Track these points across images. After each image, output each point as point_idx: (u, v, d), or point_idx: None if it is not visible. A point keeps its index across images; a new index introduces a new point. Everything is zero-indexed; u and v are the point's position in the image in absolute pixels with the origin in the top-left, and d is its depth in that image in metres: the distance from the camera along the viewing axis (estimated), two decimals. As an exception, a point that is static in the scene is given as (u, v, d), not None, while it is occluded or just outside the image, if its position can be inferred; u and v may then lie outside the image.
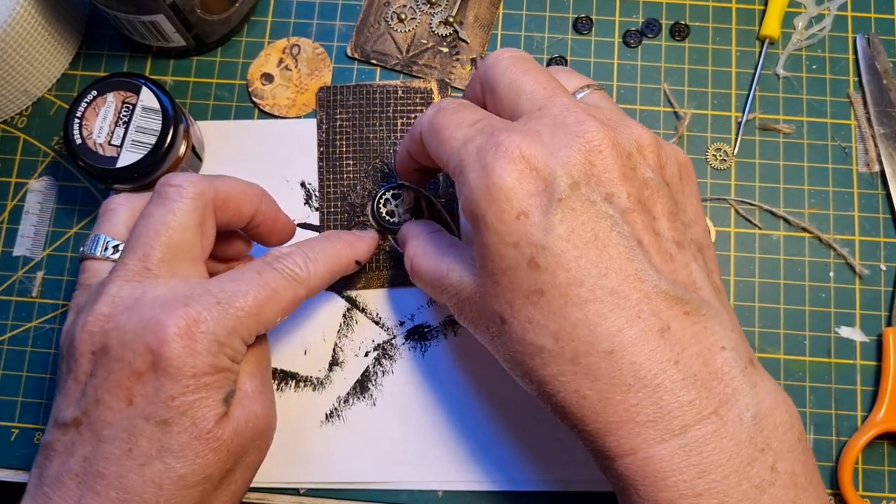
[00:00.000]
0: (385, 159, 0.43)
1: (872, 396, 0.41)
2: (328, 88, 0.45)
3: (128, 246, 0.32)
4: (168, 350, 0.29)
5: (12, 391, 0.42)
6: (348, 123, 0.44)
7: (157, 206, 0.33)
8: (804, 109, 0.45)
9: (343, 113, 0.44)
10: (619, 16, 0.46)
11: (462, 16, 0.46)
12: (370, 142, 0.44)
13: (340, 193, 0.43)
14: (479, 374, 0.41)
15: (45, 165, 0.45)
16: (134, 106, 0.39)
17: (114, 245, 0.35)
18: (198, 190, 0.33)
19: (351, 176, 0.43)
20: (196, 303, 0.30)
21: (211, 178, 0.34)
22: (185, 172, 0.35)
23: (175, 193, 0.32)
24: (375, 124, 0.44)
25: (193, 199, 0.33)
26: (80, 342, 0.30)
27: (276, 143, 0.44)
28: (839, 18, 0.46)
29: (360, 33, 0.46)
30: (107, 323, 0.30)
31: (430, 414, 0.40)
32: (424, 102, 0.44)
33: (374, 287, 0.42)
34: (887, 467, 0.41)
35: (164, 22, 0.41)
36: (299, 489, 0.40)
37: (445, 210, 0.42)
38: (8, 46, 0.41)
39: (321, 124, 0.44)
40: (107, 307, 0.31)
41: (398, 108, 0.44)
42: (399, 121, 0.44)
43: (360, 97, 0.44)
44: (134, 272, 0.31)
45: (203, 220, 0.33)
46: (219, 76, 0.46)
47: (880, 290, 0.42)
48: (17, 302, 0.43)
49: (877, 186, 0.44)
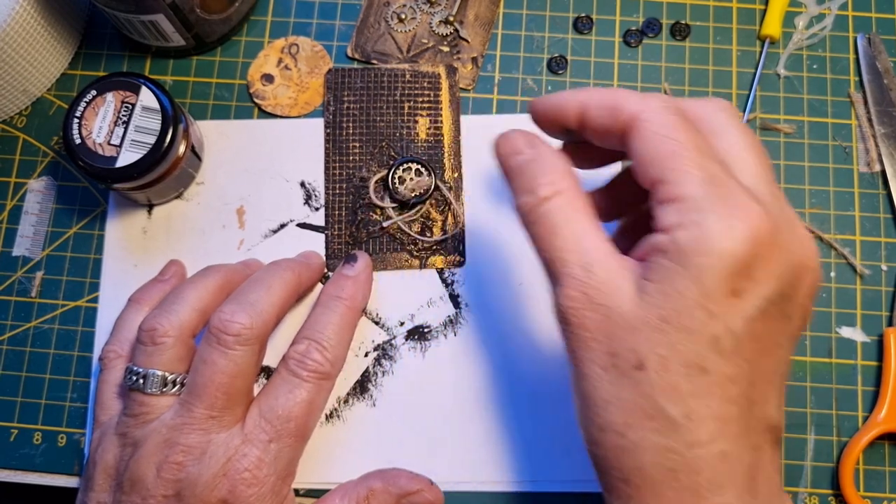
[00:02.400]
0: (391, 141, 0.43)
1: (873, 397, 0.41)
2: (336, 70, 0.45)
3: (192, 392, 0.34)
4: (238, 500, 0.33)
5: (12, 391, 0.42)
6: (356, 106, 0.44)
7: (219, 356, 0.34)
8: (805, 109, 0.45)
9: (350, 95, 0.44)
10: (620, 15, 0.46)
11: (462, 15, 0.46)
12: (377, 124, 0.44)
13: (346, 175, 0.43)
14: (479, 375, 0.41)
15: (44, 165, 0.45)
16: (133, 106, 0.39)
17: (172, 380, 0.35)
18: (255, 335, 0.35)
19: (357, 158, 0.43)
20: (254, 447, 0.34)
21: (261, 314, 0.36)
22: (240, 304, 0.36)
23: (234, 342, 0.34)
24: (382, 107, 0.44)
25: (252, 346, 0.35)
26: (154, 486, 0.33)
27: (276, 142, 0.44)
28: (840, 18, 0.46)
29: (361, 34, 0.46)
30: (180, 472, 0.33)
31: (430, 414, 0.40)
32: (432, 87, 0.44)
33: (376, 269, 0.42)
34: (888, 468, 0.41)
35: (164, 21, 0.41)
36: (299, 489, 0.40)
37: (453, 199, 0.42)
38: (7, 46, 0.41)
39: (328, 106, 0.44)
40: (180, 456, 0.34)
41: (405, 92, 0.44)
42: (406, 104, 0.44)
43: (368, 80, 0.44)
44: (201, 420, 0.34)
45: (259, 358, 0.36)
46: (218, 76, 0.45)
47: (881, 290, 0.42)
48: (16, 302, 0.43)
49: (878, 186, 0.44)
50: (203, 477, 0.33)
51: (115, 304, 0.42)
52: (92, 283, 0.43)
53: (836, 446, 0.41)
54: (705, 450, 0.26)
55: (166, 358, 0.35)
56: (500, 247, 0.42)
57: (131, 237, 0.43)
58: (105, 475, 0.35)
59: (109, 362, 0.38)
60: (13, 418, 0.42)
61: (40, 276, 0.43)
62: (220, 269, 0.39)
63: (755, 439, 0.27)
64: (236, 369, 0.34)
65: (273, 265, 0.39)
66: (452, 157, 0.44)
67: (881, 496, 0.40)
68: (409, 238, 0.42)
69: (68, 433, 0.41)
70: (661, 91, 0.45)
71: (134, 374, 0.35)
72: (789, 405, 0.41)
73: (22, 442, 0.41)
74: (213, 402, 0.34)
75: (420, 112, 0.44)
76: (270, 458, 0.34)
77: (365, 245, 0.42)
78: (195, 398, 0.34)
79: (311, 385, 0.36)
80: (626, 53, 0.46)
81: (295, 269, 0.39)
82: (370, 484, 0.37)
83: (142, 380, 0.35)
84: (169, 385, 0.35)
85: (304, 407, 0.35)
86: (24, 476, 0.41)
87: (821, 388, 0.41)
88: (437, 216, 0.43)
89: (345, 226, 0.43)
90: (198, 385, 0.34)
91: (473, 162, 0.44)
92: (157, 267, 0.42)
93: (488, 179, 0.43)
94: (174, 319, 0.36)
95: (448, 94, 0.44)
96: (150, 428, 0.35)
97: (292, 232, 0.43)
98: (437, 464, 0.40)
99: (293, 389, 0.35)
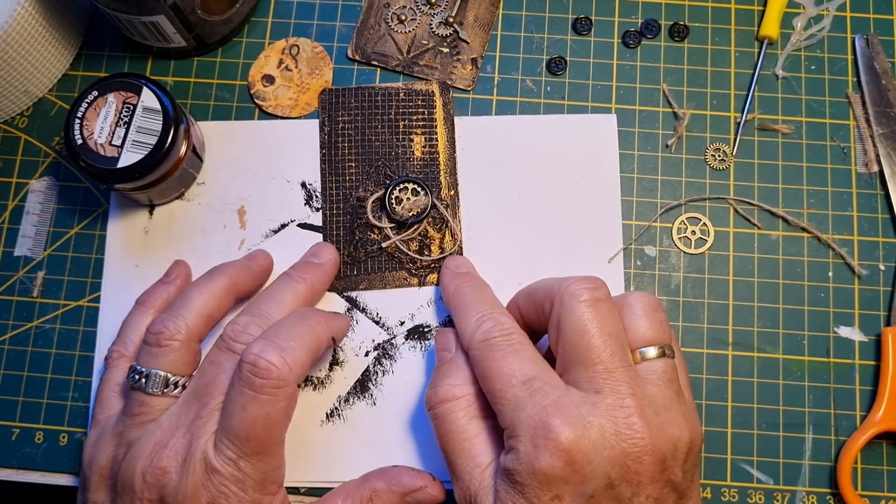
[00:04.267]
0: (387, 161, 0.44)
1: (871, 396, 0.41)
2: (330, 91, 0.45)
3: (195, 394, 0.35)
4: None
5: (13, 391, 0.42)
6: (350, 125, 0.44)
7: (227, 358, 0.35)
8: (803, 110, 0.45)
9: (345, 115, 0.44)
10: (619, 16, 0.46)
11: (462, 16, 0.46)
12: (372, 144, 0.44)
13: (343, 195, 0.43)
14: (479, 374, 0.41)
15: (45, 166, 0.45)
16: (135, 106, 0.39)
17: (174, 382, 0.36)
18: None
19: (353, 178, 0.43)
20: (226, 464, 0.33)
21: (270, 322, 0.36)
22: (253, 317, 0.36)
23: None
24: (378, 126, 0.44)
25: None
26: (140, 490, 0.34)
27: (277, 143, 0.44)
28: (838, 19, 0.46)
29: (361, 35, 0.46)
30: (163, 477, 0.34)
31: (430, 413, 0.41)
32: (426, 105, 0.44)
33: (375, 288, 0.42)
34: (886, 467, 0.41)
35: (165, 22, 0.41)
36: (299, 488, 0.40)
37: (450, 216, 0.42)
38: (9, 47, 0.41)
39: (323, 126, 0.44)
40: (165, 461, 0.34)
41: (400, 110, 0.44)
42: (401, 122, 0.44)
43: (362, 99, 0.44)
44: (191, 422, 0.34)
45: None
46: (219, 77, 0.46)
47: (879, 289, 0.43)
48: (17, 302, 0.43)
49: (875, 186, 0.44)
50: (184, 486, 0.33)
51: (116, 303, 0.42)
52: (93, 282, 0.43)
53: (834, 445, 0.41)
54: None
55: (171, 360, 0.36)
56: (499, 261, 0.43)
57: (133, 237, 0.43)
58: (99, 475, 0.36)
59: (113, 362, 0.39)
60: (15, 418, 0.42)
61: (42, 276, 0.43)
62: (226, 272, 0.39)
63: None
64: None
65: (287, 277, 0.40)
66: (448, 174, 0.44)
67: (879, 495, 0.40)
68: (407, 257, 0.42)
69: (70, 432, 0.41)
70: (660, 92, 0.45)
71: (137, 373, 0.36)
72: (788, 404, 0.41)
73: (23, 441, 0.41)
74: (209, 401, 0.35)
75: (415, 130, 0.44)
76: (242, 474, 0.34)
77: (363, 264, 0.42)
78: (195, 398, 0.35)
79: (265, 398, 0.33)
80: (625, 54, 0.46)
81: (307, 278, 0.39)
82: (372, 485, 0.37)
83: (144, 379, 0.35)
84: (171, 386, 0.35)
85: (260, 423, 0.33)
86: (26, 475, 0.41)
87: (819, 387, 0.41)
88: (434, 234, 0.43)
89: (343, 245, 0.43)
90: (200, 384, 0.35)
91: (469, 169, 0.44)
92: (158, 267, 0.42)
93: (486, 192, 0.44)
94: (181, 324, 0.36)
95: (442, 111, 0.44)
96: (145, 430, 0.35)
97: (293, 232, 0.43)
98: (436, 462, 0.40)
99: (247, 405, 0.33)
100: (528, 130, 0.44)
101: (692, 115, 0.45)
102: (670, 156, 0.44)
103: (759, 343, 0.42)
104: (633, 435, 0.31)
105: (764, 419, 0.41)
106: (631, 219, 0.43)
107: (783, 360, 0.42)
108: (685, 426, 0.33)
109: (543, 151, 0.44)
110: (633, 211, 0.44)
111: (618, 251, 0.43)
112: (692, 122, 0.45)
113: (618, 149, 0.44)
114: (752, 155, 0.44)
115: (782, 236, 0.43)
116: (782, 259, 0.43)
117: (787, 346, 0.42)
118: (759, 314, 0.42)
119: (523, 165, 0.44)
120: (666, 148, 0.44)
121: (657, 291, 0.43)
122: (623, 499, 0.31)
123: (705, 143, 0.45)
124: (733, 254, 0.43)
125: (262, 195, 0.44)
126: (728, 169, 0.44)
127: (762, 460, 0.41)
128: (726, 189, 0.44)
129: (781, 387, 0.41)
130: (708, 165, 0.44)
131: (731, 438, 0.41)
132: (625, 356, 0.33)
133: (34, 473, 0.41)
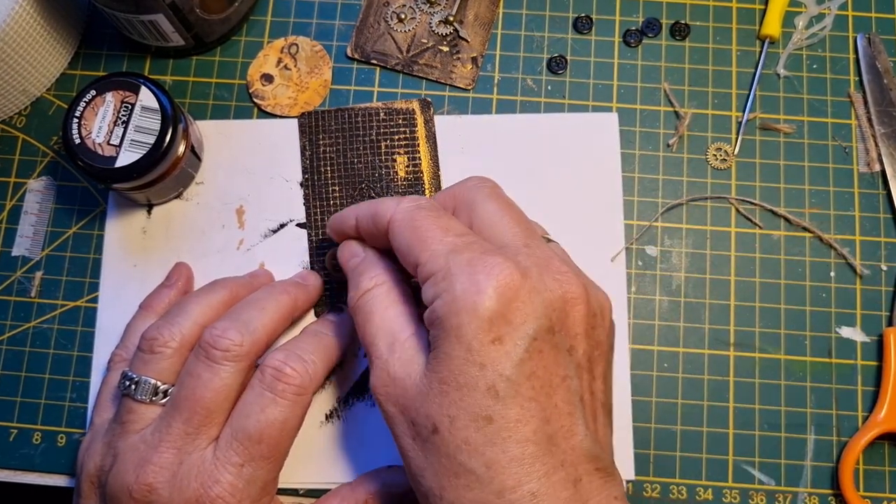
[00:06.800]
0: (370, 183, 0.43)
1: (873, 397, 0.41)
2: (309, 114, 0.44)
3: (174, 405, 0.34)
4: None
5: (11, 391, 0.42)
6: (332, 149, 0.44)
7: (204, 369, 0.34)
8: (805, 109, 0.45)
9: (326, 138, 0.44)
10: (620, 15, 0.46)
11: (462, 15, 0.46)
12: (355, 166, 0.43)
13: (328, 220, 0.43)
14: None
15: (43, 165, 0.45)
16: (133, 105, 0.39)
17: (163, 390, 0.35)
18: (244, 352, 0.35)
19: (338, 202, 0.43)
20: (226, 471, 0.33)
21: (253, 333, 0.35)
22: (233, 322, 0.35)
23: (221, 358, 0.34)
24: (359, 148, 0.44)
25: (240, 364, 0.35)
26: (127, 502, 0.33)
27: (275, 142, 0.44)
28: (840, 18, 0.46)
29: (360, 34, 0.46)
30: (150, 494, 0.33)
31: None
32: (407, 124, 0.44)
33: None
34: (888, 468, 0.41)
35: (164, 21, 0.41)
36: (299, 489, 0.40)
37: None
38: (7, 46, 0.41)
39: (304, 151, 0.44)
40: (150, 477, 0.33)
41: (381, 131, 0.44)
42: (382, 143, 0.44)
43: (342, 121, 0.44)
44: (176, 437, 0.34)
45: (246, 380, 0.35)
46: (218, 76, 0.45)
47: (881, 290, 0.42)
48: (15, 302, 0.43)
49: (877, 186, 0.44)
50: (173, 500, 0.33)
51: (114, 304, 0.42)
52: (91, 282, 0.43)
53: (835, 446, 0.41)
54: (516, 494, 0.28)
55: (161, 367, 0.35)
56: None
57: (131, 237, 0.43)
58: (89, 483, 0.36)
59: (114, 365, 0.39)
60: (12, 418, 0.42)
61: (40, 276, 0.43)
62: (227, 285, 0.39)
63: (572, 472, 0.29)
64: (220, 385, 0.34)
65: (270, 287, 0.39)
66: (433, 192, 0.43)
67: (881, 496, 0.40)
68: None
69: (68, 433, 0.41)
70: (661, 91, 0.45)
71: (128, 379, 0.35)
72: (789, 405, 0.41)
73: (21, 442, 0.41)
74: (192, 416, 0.34)
75: (397, 150, 0.44)
76: (243, 483, 0.33)
77: None
78: (175, 411, 0.34)
79: (286, 402, 0.34)
80: (626, 53, 0.46)
81: (291, 292, 0.39)
82: (367, 487, 0.37)
83: (134, 385, 0.35)
84: (159, 395, 0.35)
85: (276, 427, 0.34)
86: (24, 476, 0.41)
87: (821, 387, 0.41)
88: None
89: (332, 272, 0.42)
90: (179, 397, 0.34)
91: (460, 177, 0.44)
92: (156, 267, 0.42)
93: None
94: (175, 331, 0.36)
95: (424, 129, 0.44)
96: (130, 442, 0.34)
97: (292, 232, 0.43)
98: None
99: (266, 407, 0.34)
100: (528, 130, 0.44)
101: (693, 115, 0.45)
102: (671, 155, 0.44)
103: (761, 343, 0.42)
104: (568, 281, 0.31)
105: (765, 420, 0.41)
106: (632, 218, 0.43)
107: (785, 360, 0.42)
108: (605, 294, 0.33)
109: (544, 151, 0.44)
110: (634, 210, 0.43)
111: (619, 251, 0.43)
112: (693, 122, 0.45)
113: (619, 148, 0.44)
114: (754, 154, 0.44)
115: (784, 236, 0.43)
116: (784, 259, 0.43)
117: (788, 346, 0.42)
118: (760, 314, 0.42)
119: (524, 165, 0.44)
120: (667, 147, 0.44)
121: (658, 292, 0.42)
122: (562, 349, 0.30)
123: (706, 142, 0.44)
124: (735, 254, 0.43)
125: (260, 195, 0.43)
126: (729, 168, 0.44)
127: (764, 461, 0.41)
128: (728, 189, 0.44)
129: (783, 387, 0.41)
130: (709, 165, 0.44)
131: (733, 439, 0.41)
132: (537, 229, 0.34)
133: (32, 474, 0.41)
